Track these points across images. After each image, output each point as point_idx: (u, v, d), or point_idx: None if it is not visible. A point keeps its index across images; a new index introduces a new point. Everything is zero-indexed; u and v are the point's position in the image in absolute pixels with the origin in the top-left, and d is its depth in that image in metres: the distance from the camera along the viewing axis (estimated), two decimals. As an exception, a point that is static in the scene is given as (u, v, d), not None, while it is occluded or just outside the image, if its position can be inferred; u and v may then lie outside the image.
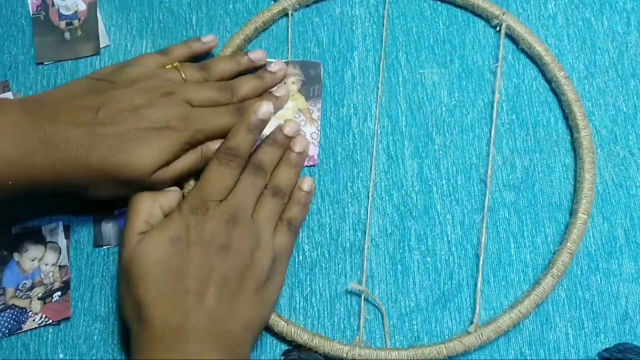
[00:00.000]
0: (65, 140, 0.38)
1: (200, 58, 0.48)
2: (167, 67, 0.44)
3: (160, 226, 0.39)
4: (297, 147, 0.43)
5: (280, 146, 0.43)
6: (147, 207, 0.40)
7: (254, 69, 0.47)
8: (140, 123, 0.39)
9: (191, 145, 0.41)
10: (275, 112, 0.45)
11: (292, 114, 0.47)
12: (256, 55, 0.47)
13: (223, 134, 0.42)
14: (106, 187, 0.40)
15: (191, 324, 0.36)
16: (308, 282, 0.44)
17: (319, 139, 0.47)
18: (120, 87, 0.41)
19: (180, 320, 0.36)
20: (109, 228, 0.45)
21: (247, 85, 0.45)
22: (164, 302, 0.36)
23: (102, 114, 0.39)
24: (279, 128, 0.43)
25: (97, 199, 0.41)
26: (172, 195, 0.41)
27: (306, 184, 0.44)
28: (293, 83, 0.48)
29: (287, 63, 0.48)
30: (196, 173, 0.43)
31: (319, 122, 0.47)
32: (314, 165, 0.46)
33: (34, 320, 0.43)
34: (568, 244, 0.43)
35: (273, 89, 0.47)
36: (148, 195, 0.40)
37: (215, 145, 0.42)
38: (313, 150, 0.46)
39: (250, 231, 0.39)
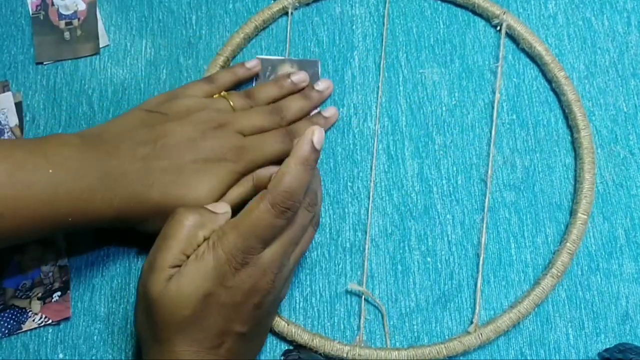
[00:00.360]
0: (125, 176, 0.38)
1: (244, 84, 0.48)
2: (214, 96, 0.45)
3: (194, 275, 0.34)
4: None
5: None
6: (188, 235, 0.35)
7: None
8: (197, 156, 0.40)
9: (244, 174, 0.42)
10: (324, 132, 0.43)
11: None
12: (299, 77, 0.47)
13: (274, 160, 0.42)
14: (163, 221, 0.38)
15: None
16: (308, 282, 0.44)
17: None
18: (173, 120, 0.41)
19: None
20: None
21: (295, 106, 0.45)
22: (186, 349, 0.34)
23: (159, 147, 0.39)
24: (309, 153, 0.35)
25: (152, 233, 0.38)
26: (220, 220, 0.36)
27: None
28: (331, 107, 0.47)
29: (284, 61, 0.48)
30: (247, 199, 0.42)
31: None
32: None
33: (33, 320, 0.43)
34: (568, 244, 0.43)
35: (322, 111, 0.46)
36: (192, 220, 0.35)
37: (265, 172, 0.42)
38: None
39: (283, 279, 0.37)
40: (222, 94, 0.45)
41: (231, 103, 0.44)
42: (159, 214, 0.38)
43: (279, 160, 0.41)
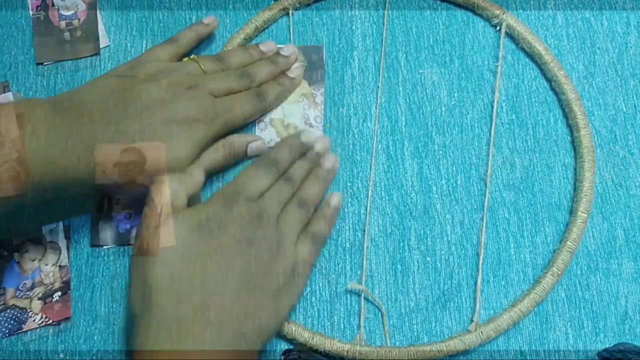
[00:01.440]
0: (98, 141, 0.38)
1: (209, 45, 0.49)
2: (184, 60, 0.46)
3: (187, 213, 0.38)
4: (327, 164, 0.45)
5: (311, 161, 0.45)
6: (173, 191, 0.38)
7: None
8: (169, 117, 0.40)
9: (216, 136, 0.43)
10: (290, 93, 0.47)
11: (296, 99, 0.47)
12: (267, 47, 0.48)
13: (246, 121, 0.45)
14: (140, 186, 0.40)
15: (204, 318, 0.35)
16: (308, 282, 0.44)
17: (322, 123, 0.47)
18: (143, 83, 0.41)
19: (190, 312, 0.35)
20: (106, 228, 0.45)
21: (263, 70, 0.46)
22: (178, 290, 0.35)
23: (130, 111, 0.40)
24: (311, 146, 0.45)
25: (133, 197, 0.40)
26: (197, 177, 0.40)
27: (334, 200, 0.44)
28: (296, 69, 0.48)
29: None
30: (222, 170, 0.45)
31: (323, 106, 0.47)
32: None
33: (34, 320, 0.43)
34: (568, 242, 0.43)
35: (287, 72, 0.47)
36: (174, 178, 0.39)
37: (241, 140, 0.44)
38: (318, 134, 0.47)
39: (273, 233, 0.39)
40: (192, 57, 0.46)
41: (202, 66, 0.44)
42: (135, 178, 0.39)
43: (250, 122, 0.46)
